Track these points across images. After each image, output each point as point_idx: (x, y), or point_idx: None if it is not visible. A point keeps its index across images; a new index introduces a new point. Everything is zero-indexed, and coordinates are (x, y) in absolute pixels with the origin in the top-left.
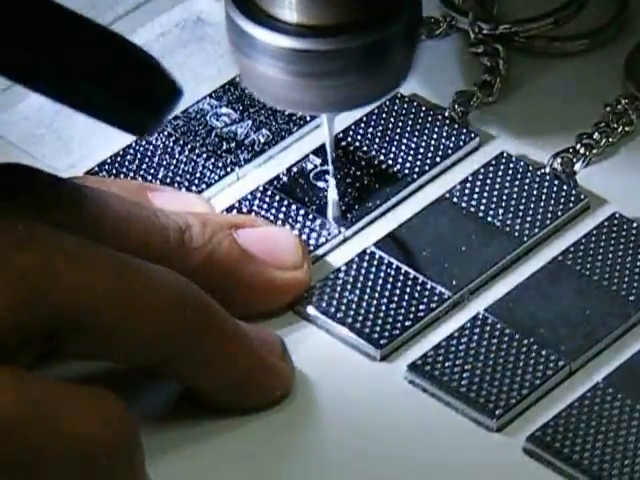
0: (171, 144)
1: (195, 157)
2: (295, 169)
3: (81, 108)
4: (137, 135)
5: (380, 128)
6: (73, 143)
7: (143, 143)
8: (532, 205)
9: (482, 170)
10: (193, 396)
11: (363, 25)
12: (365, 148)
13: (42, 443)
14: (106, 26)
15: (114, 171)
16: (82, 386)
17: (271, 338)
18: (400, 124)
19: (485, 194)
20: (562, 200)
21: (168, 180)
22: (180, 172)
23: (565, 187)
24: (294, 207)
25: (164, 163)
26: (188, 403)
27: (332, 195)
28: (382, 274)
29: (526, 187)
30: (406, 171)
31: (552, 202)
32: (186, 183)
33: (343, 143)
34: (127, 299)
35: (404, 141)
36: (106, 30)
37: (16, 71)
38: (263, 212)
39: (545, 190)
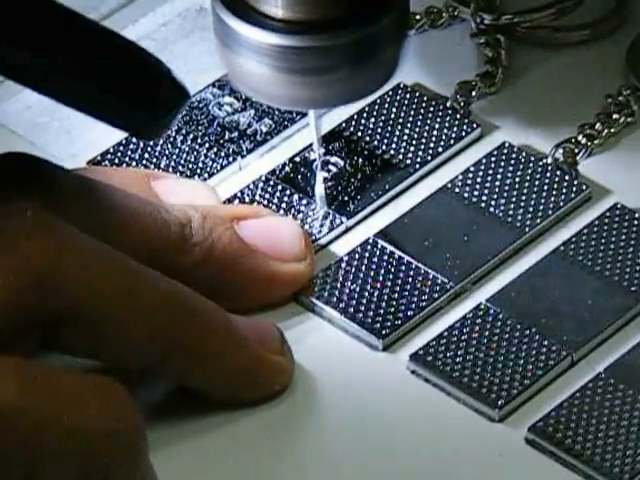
0: (173, 133)
1: (197, 146)
2: (297, 159)
3: (89, 111)
4: (145, 139)
5: (382, 118)
6: (76, 132)
7: None
8: (534, 195)
9: (484, 160)
10: (191, 390)
11: (350, 21)
12: (367, 138)
13: (43, 433)
14: (116, 31)
15: (116, 160)
16: (85, 375)
17: (269, 331)
18: (402, 114)
19: (487, 184)
20: (564, 190)
21: (170, 169)
22: (182, 161)
23: (567, 177)
24: (296, 197)
25: (166, 152)
26: (188, 395)
27: (319, 190)
28: (384, 264)
29: (528, 177)
30: (408, 161)
31: (554, 192)
32: (188, 172)
33: (346, 133)
34: (127, 295)
35: (406, 131)
36: (116, 35)
37: (27, 75)
38: (265, 202)
39: (547, 180)
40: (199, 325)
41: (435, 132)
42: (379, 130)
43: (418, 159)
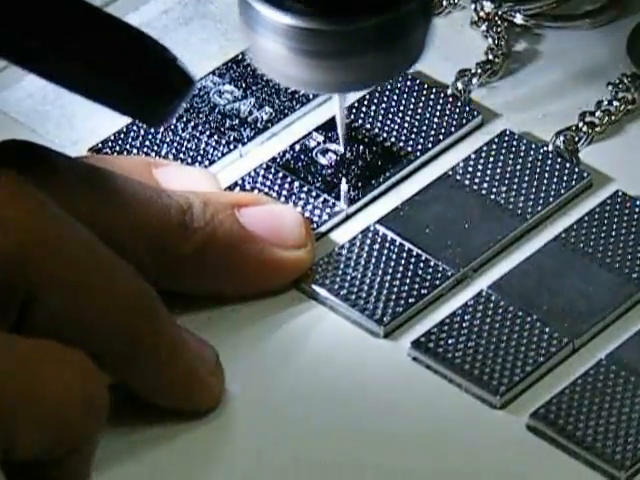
0: (174, 121)
1: (198, 134)
2: (298, 146)
3: (94, 97)
4: (151, 126)
5: (383, 105)
6: (77, 120)
7: None
8: (535, 183)
9: (485, 148)
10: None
11: (376, 4)
12: (368, 125)
13: (14, 404)
14: (121, 18)
15: (117, 148)
16: (51, 343)
17: (207, 351)
18: (403, 102)
19: (488, 172)
20: (565, 178)
21: (171, 157)
22: (183, 149)
23: (568, 165)
24: (297, 184)
25: (167, 140)
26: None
27: (344, 187)
28: (385, 251)
29: (529, 165)
30: (409, 149)
31: (555, 180)
32: (189, 160)
33: (346, 120)
34: (98, 280)
35: (407, 119)
36: (121, 22)
37: (33, 62)
38: (266, 189)
39: (548, 168)
40: (153, 329)
41: (436, 120)
42: (380, 117)
43: (419, 147)
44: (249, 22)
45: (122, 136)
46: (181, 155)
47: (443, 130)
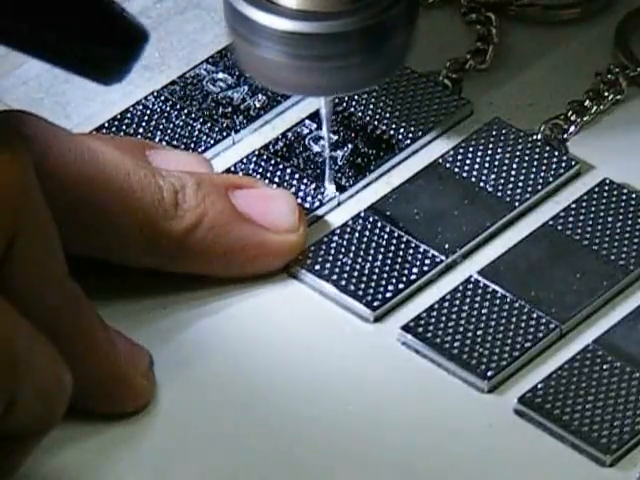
0: (168, 109)
1: (191, 122)
2: (290, 134)
3: (49, 59)
4: (105, 84)
5: (374, 94)
6: (71, 107)
7: (140, 107)
8: (524, 171)
9: (475, 136)
10: None
11: (362, 8)
12: (359, 114)
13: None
14: None
15: (111, 135)
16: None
17: (139, 354)
18: (394, 90)
19: (478, 160)
20: (553, 166)
21: (165, 144)
22: (177, 137)
23: (556, 153)
24: (289, 171)
25: (161, 127)
26: None
27: (328, 172)
28: (376, 237)
29: (518, 153)
30: (400, 136)
31: (543, 168)
32: (182, 147)
33: (339, 108)
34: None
35: (398, 107)
36: None
37: None
38: (258, 176)
39: (537, 156)
40: (78, 323)
41: (426, 108)
42: (371, 106)
43: (409, 135)
44: (237, 28)
45: (116, 123)
46: (174, 142)
47: (433, 118)
